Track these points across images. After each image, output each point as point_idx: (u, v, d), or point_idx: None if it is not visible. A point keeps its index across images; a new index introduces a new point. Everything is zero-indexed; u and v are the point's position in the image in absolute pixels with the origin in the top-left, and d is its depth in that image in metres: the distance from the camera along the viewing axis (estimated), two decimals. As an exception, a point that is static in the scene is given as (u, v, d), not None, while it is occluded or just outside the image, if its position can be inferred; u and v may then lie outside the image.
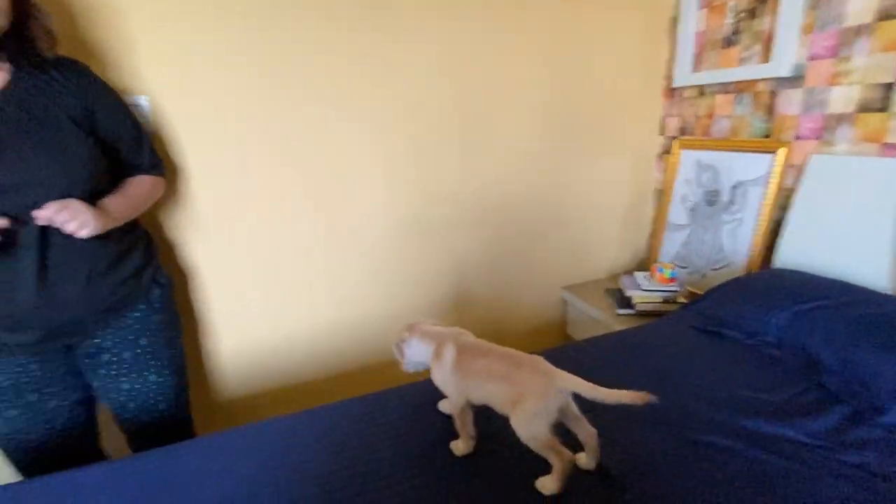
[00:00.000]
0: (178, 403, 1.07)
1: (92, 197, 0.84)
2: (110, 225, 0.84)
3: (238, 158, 1.27)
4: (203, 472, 0.78)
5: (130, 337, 0.96)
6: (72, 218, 0.75)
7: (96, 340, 0.93)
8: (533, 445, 0.70)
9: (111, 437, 1.11)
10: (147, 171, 1.00)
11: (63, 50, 0.88)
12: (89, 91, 0.86)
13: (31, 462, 0.93)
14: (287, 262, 1.40)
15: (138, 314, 0.96)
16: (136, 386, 0.99)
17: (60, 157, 0.79)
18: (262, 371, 1.46)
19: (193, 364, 1.32)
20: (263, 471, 0.79)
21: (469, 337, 0.86)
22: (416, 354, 0.87)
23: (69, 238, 0.78)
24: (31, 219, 0.75)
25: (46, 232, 0.78)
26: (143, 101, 1.10)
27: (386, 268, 1.55)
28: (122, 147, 0.94)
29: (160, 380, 1.02)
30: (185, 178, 1.22)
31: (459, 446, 0.81)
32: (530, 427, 0.69)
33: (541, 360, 0.74)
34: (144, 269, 0.98)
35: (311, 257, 1.43)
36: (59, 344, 0.89)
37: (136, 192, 0.95)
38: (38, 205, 0.75)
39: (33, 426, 0.91)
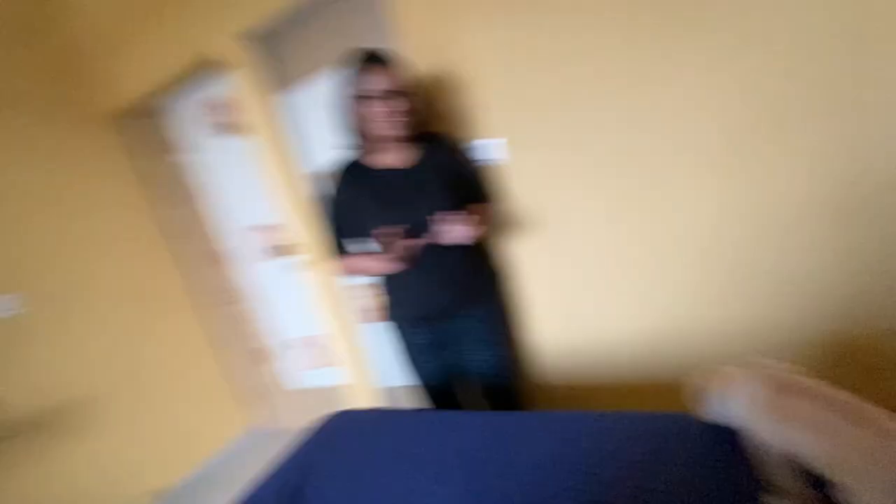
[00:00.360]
0: (509, 374, 1.42)
1: None
2: (480, 234, 1.20)
3: (571, 162, 1.34)
4: (520, 439, 1.01)
5: (479, 320, 1.34)
6: (463, 227, 1.12)
7: (460, 319, 1.32)
8: None
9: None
10: (486, 201, 1.39)
11: (441, 114, 1.42)
12: (454, 155, 1.32)
13: (434, 395, 1.43)
14: (618, 264, 1.37)
15: (483, 305, 1.35)
16: (483, 356, 1.36)
17: (437, 202, 1.20)
18: (581, 363, 1.53)
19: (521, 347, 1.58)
20: (572, 452, 0.93)
21: (796, 375, 0.70)
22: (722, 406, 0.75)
23: (450, 248, 1.18)
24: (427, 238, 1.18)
25: (435, 247, 1.19)
26: (494, 142, 1.41)
27: (730, 278, 1.25)
28: (472, 184, 1.35)
29: (498, 353, 1.38)
30: (527, 188, 1.42)
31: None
32: None
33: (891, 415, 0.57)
34: (487, 272, 1.40)
35: (642, 262, 1.35)
36: (440, 319, 1.31)
37: (485, 214, 1.32)
38: (423, 231, 1.17)
39: (434, 372, 1.39)
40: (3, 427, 1.58)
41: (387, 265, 1.20)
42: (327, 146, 1.74)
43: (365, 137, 1.22)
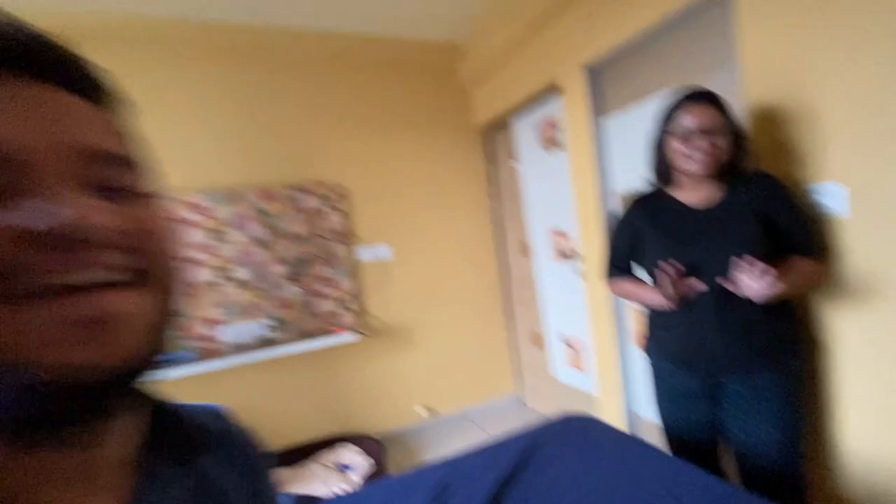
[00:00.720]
0: (787, 461, 1.16)
1: None
2: (782, 292, 1.00)
3: None
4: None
5: (758, 387, 1.15)
6: (759, 280, 0.97)
7: (732, 379, 1.17)
8: None
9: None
10: (811, 255, 1.14)
11: (772, 150, 1.26)
12: (771, 194, 1.13)
13: (676, 446, 1.32)
14: None
15: (769, 372, 1.14)
16: (750, 429, 1.17)
17: (739, 245, 1.09)
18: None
19: (816, 440, 1.29)
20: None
21: None
22: None
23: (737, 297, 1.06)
24: (715, 284, 1.09)
25: (723, 291, 1.08)
26: (834, 187, 1.17)
27: None
28: (793, 233, 1.14)
29: (772, 431, 1.14)
30: (874, 248, 1.12)
31: None
32: None
33: None
34: (786, 335, 1.16)
35: None
36: (708, 372, 1.19)
37: (803, 270, 1.11)
38: (711, 275, 1.09)
39: (680, 422, 1.29)
40: (369, 329, 2.53)
41: (656, 299, 1.18)
42: (634, 171, 1.80)
43: (669, 171, 1.23)
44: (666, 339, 1.26)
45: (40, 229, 0.23)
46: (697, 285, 1.11)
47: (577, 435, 1.38)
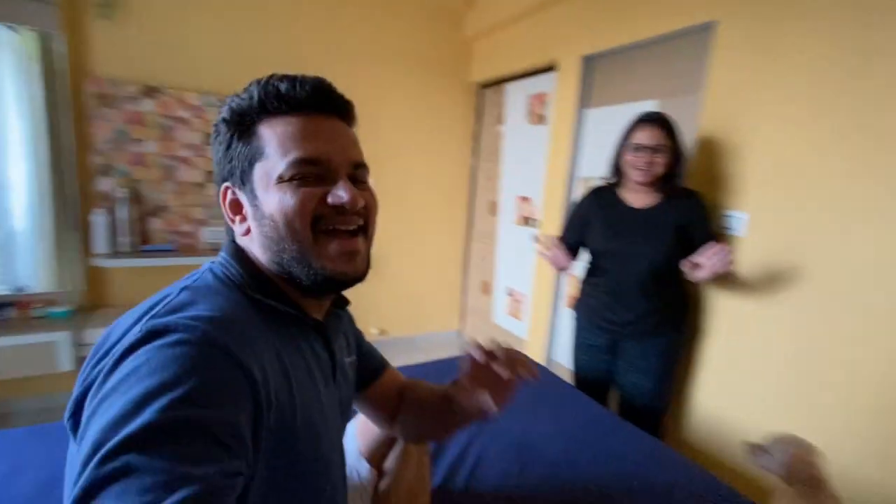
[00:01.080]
0: (655, 406, 1.56)
1: (661, 269, 1.44)
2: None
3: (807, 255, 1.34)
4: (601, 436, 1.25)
5: (646, 350, 1.52)
6: (721, 257, 1.26)
7: (628, 342, 1.54)
8: None
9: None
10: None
11: (708, 175, 1.57)
12: (692, 210, 1.44)
13: (580, 385, 1.69)
14: (798, 373, 1.37)
15: (655, 338, 1.50)
16: (634, 379, 1.55)
17: (657, 244, 1.43)
18: (716, 435, 1.60)
19: (679, 393, 1.70)
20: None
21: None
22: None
23: (653, 277, 1.44)
24: (634, 269, 1.46)
25: (638, 276, 1.46)
26: (740, 214, 1.50)
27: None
28: (702, 243, 1.38)
29: (648, 383, 1.53)
30: (757, 263, 1.46)
31: None
32: None
33: None
34: (674, 315, 1.53)
35: (829, 383, 1.30)
36: (612, 333, 1.55)
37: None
38: (634, 267, 1.45)
39: (585, 368, 1.68)
40: None
41: (555, 264, 1.57)
42: (599, 163, 2.08)
43: (621, 175, 1.51)
44: (588, 304, 1.63)
45: (340, 202, 0.52)
46: (564, 260, 1.54)
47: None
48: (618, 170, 1.51)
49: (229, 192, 0.55)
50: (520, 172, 2.72)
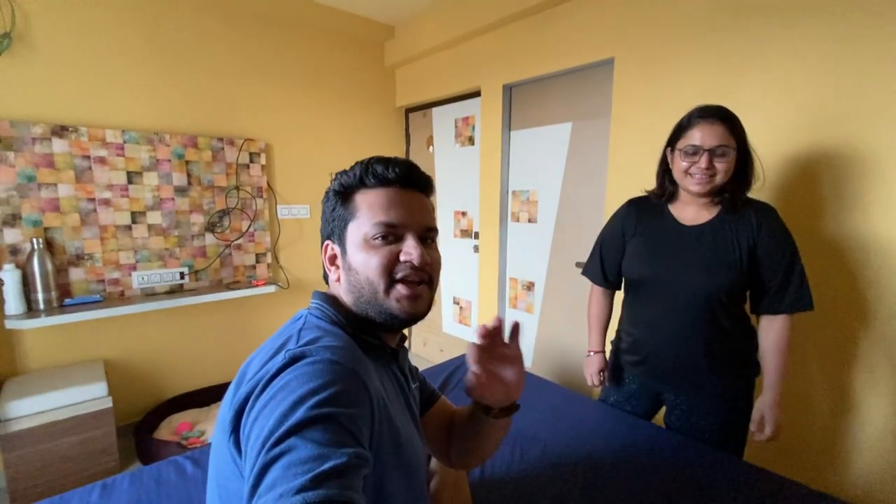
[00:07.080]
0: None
1: (723, 301, 1.09)
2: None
3: None
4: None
5: (697, 407, 1.21)
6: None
7: (673, 392, 1.24)
8: None
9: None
10: (782, 311, 1.10)
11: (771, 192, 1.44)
12: (763, 228, 1.08)
13: None
14: None
15: (712, 392, 1.17)
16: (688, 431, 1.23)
17: (716, 271, 1.08)
18: None
19: None
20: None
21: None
22: None
23: (712, 325, 1.11)
24: (682, 298, 1.12)
25: (689, 309, 1.12)
26: None
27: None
28: (771, 279, 1.09)
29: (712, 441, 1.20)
30: None
31: None
32: None
33: None
34: (741, 358, 1.16)
35: None
36: (652, 377, 1.26)
37: (779, 361, 1.12)
38: (681, 290, 1.12)
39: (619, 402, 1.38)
40: (283, 281, 2.72)
41: (589, 368, 1.40)
42: (526, 178, 2.34)
43: (669, 185, 1.19)
44: (631, 336, 1.27)
45: (411, 259, 0.62)
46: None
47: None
48: (666, 179, 1.20)
49: (329, 247, 0.68)
50: (454, 189, 2.93)
